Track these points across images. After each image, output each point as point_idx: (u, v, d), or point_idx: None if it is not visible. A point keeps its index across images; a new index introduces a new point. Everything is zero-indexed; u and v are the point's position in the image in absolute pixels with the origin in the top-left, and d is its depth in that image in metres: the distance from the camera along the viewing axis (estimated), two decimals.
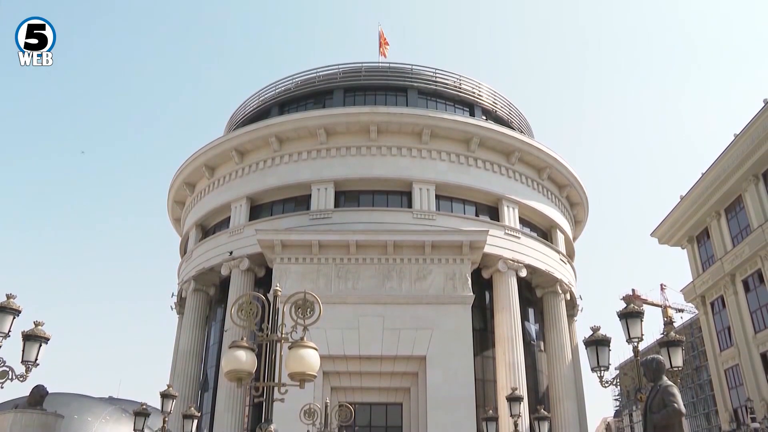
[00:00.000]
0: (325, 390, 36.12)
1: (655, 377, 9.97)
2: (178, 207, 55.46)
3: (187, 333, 47.52)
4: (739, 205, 41.33)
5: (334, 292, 38.81)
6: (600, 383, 13.37)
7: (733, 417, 41.51)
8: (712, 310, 44.84)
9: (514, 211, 45.64)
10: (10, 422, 32.89)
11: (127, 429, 22.87)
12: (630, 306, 12.65)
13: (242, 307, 7.36)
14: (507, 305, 41.97)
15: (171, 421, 18.97)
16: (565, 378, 44.53)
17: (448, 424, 35.76)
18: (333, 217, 42.81)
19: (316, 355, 7.09)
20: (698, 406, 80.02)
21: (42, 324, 13.16)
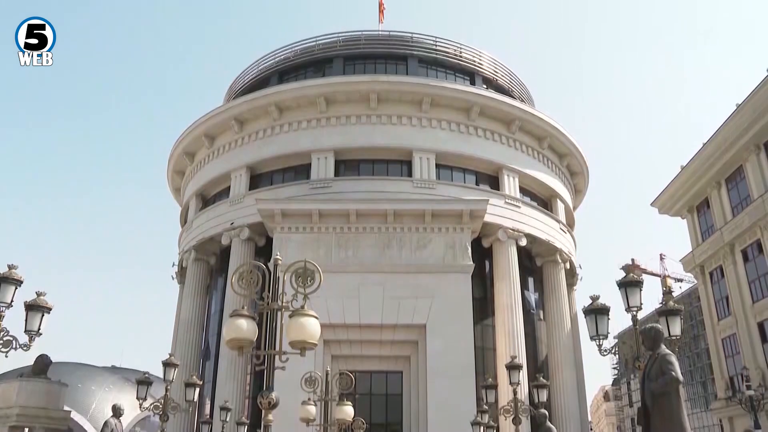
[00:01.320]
0: (326, 358, 36.43)
1: (653, 346, 10.03)
2: (178, 177, 55.41)
3: (188, 302, 47.78)
4: (740, 175, 41.22)
5: (334, 261, 38.94)
6: (599, 352, 13.45)
7: (729, 385, 41.90)
8: (710, 279, 44.99)
9: (515, 180, 45.60)
10: (16, 391, 33.22)
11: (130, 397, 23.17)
12: (629, 275, 12.67)
13: (243, 276, 7.38)
14: (507, 274, 42.14)
15: (173, 389, 19.11)
16: (564, 346, 44.88)
17: (447, 391, 36.10)
18: (333, 186, 42.80)
19: (316, 323, 7.11)
20: (695, 375, 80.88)
21: (44, 294, 13.22)
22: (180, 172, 54.65)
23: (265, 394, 7.13)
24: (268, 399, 7.11)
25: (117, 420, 13.85)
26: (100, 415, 72.70)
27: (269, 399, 7.11)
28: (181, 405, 19.33)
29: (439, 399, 36.32)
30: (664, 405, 9.15)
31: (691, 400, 79.49)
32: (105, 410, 39.69)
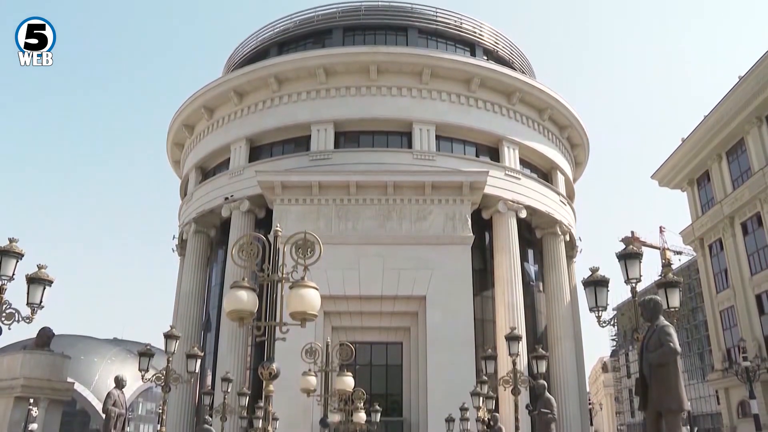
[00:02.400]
0: (326, 329, 36.66)
1: (652, 317, 10.07)
2: (178, 149, 55.25)
3: (189, 275, 47.90)
4: (741, 147, 41.11)
5: (334, 232, 38.99)
6: (598, 323, 13.49)
7: (726, 356, 42.21)
8: (710, 252, 45.09)
9: (515, 152, 45.49)
10: (20, 362, 33.51)
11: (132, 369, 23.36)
12: (629, 247, 12.67)
13: (243, 248, 7.37)
14: (506, 246, 42.22)
15: (175, 361, 19.21)
16: (564, 318, 45.12)
17: (447, 363, 36.38)
18: (333, 158, 42.71)
19: (316, 294, 7.12)
20: (693, 346, 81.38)
21: (45, 267, 13.23)
22: (179, 144, 54.48)
23: (265, 365, 7.16)
24: (269, 370, 7.14)
25: (120, 391, 13.97)
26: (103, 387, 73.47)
27: (270, 370, 7.14)
28: (182, 376, 19.45)
29: (438, 370, 36.61)
30: (662, 376, 9.21)
31: (689, 371, 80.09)
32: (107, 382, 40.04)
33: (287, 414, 31.68)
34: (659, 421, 9.35)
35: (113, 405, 13.62)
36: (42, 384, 33.33)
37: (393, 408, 38.79)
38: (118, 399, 13.84)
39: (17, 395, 32.01)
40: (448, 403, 31.14)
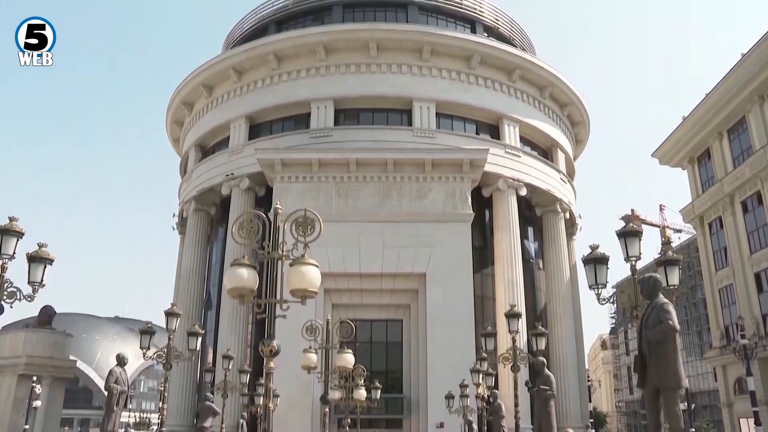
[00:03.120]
0: (327, 307, 36.81)
1: (651, 295, 10.09)
2: (177, 127, 55.10)
3: (189, 253, 47.99)
4: (743, 125, 40.92)
5: (334, 210, 39.01)
6: (597, 300, 13.52)
7: (724, 334, 42.36)
8: (709, 230, 45.07)
9: (515, 130, 45.36)
10: (23, 340, 33.68)
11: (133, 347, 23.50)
12: (629, 225, 12.66)
13: (243, 225, 7.36)
14: (506, 224, 42.25)
15: (176, 338, 19.31)
16: (563, 295, 45.26)
17: (447, 340, 36.56)
18: (333, 135, 42.61)
19: (317, 271, 7.13)
20: (691, 324, 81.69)
21: (45, 246, 13.25)
22: (179, 122, 54.32)
23: (266, 342, 7.19)
24: (270, 347, 7.16)
25: (121, 369, 14.05)
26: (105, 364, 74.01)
27: (270, 347, 7.16)
28: (183, 354, 19.56)
29: (438, 347, 36.80)
30: (660, 353, 9.26)
31: (687, 348, 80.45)
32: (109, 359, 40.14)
33: (288, 391, 31.91)
34: (658, 397, 9.42)
35: (115, 382, 13.72)
36: (44, 362, 33.51)
37: (393, 385, 39.06)
38: (120, 376, 13.93)
39: (20, 373, 32.23)
40: (447, 380, 31.33)
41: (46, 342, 34.48)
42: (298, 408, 35.23)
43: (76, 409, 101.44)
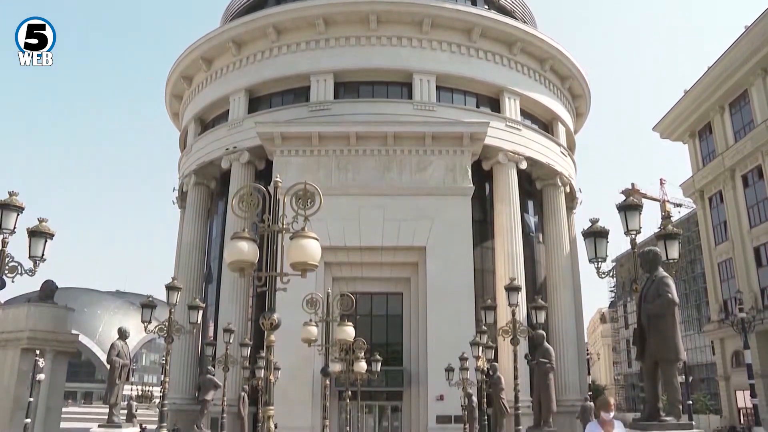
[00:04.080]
0: (327, 280, 36.91)
1: (651, 268, 10.11)
2: (176, 101, 54.84)
3: (190, 226, 48.02)
4: (745, 99, 40.76)
5: (334, 183, 38.97)
6: (597, 274, 13.52)
7: (723, 308, 42.60)
8: (709, 204, 45.12)
9: (516, 103, 45.15)
10: (25, 315, 33.85)
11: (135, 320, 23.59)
12: (629, 199, 12.64)
13: (243, 199, 7.34)
14: (507, 197, 42.24)
15: (177, 312, 19.37)
16: (563, 269, 45.37)
17: (447, 313, 36.72)
18: (332, 109, 42.43)
19: (317, 244, 7.13)
20: (690, 298, 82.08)
21: (46, 220, 13.22)
22: (178, 96, 54.05)
23: (267, 315, 7.20)
24: (270, 320, 7.18)
25: (123, 342, 14.11)
26: (107, 338, 74.32)
27: (271, 320, 7.18)
28: (184, 327, 19.60)
29: (438, 320, 36.98)
30: (659, 325, 9.30)
31: (686, 322, 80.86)
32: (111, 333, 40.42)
33: (289, 364, 32.12)
34: (656, 370, 9.49)
35: (117, 356, 13.80)
36: (47, 336, 33.74)
37: (393, 358, 39.30)
38: (122, 350, 14.01)
39: (24, 347, 32.44)
40: (447, 353, 31.47)
41: (49, 316, 34.70)
42: (298, 381, 35.50)
43: (79, 383, 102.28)
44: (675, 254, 12.78)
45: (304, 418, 35.34)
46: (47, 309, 34.73)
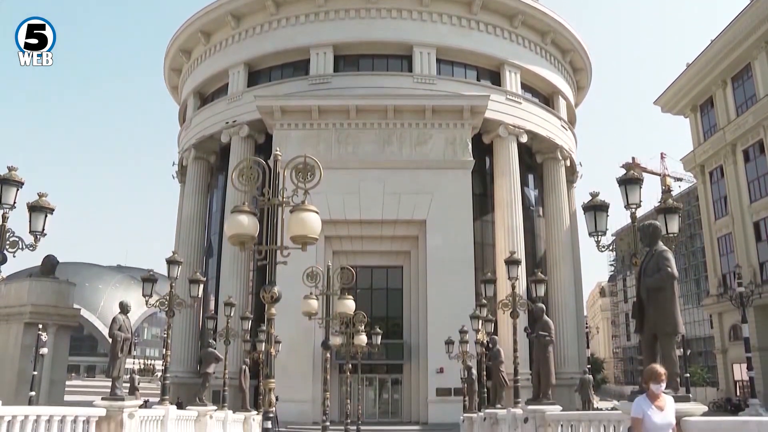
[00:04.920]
0: (327, 254, 36.95)
1: (650, 242, 10.09)
2: (175, 75, 54.53)
3: (190, 201, 48.02)
4: (747, 73, 40.47)
5: (334, 157, 38.90)
6: (597, 248, 13.52)
7: (721, 282, 42.74)
8: (710, 179, 45.05)
9: (516, 76, 44.91)
10: (27, 290, 34.02)
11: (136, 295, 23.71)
12: (629, 173, 12.60)
13: (243, 172, 7.32)
14: (507, 170, 42.20)
15: (178, 286, 19.42)
16: (563, 243, 45.47)
17: (447, 286, 36.87)
18: (332, 82, 42.21)
19: (317, 218, 7.13)
20: (689, 272, 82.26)
21: (46, 195, 13.18)
22: (177, 70, 53.74)
23: (267, 289, 7.22)
24: (271, 293, 7.20)
25: (125, 316, 14.15)
26: (109, 312, 74.64)
27: (272, 293, 7.20)
28: (185, 301, 19.65)
29: (438, 293, 37.14)
30: (658, 299, 9.31)
31: (684, 296, 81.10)
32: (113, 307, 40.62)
33: (289, 337, 32.33)
34: (655, 343, 9.50)
35: (119, 330, 13.83)
36: (49, 310, 33.94)
37: (393, 331, 39.55)
38: (124, 324, 14.04)
39: (26, 321, 32.64)
40: (447, 326, 31.63)
41: (50, 291, 34.87)
42: (299, 354, 35.76)
43: (82, 356, 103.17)
44: (675, 228, 12.76)
45: (304, 391, 35.66)
46: (49, 283, 34.89)
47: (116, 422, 13.48)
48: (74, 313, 36.72)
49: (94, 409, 13.50)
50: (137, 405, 14.66)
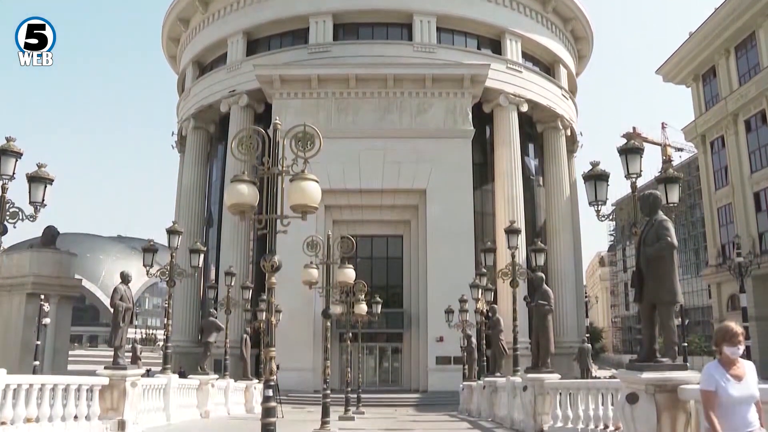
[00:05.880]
0: (327, 223, 37.01)
1: (651, 211, 10.09)
2: (173, 44, 54.10)
3: (190, 171, 47.96)
4: (751, 42, 40.02)
5: (334, 126, 38.75)
6: (597, 217, 13.55)
7: (720, 252, 42.80)
8: (711, 149, 44.85)
9: (517, 45, 44.56)
10: (29, 260, 34.20)
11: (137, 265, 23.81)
12: (630, 142, 12.56)
13: (242, 142, 7.29)
14: (507, 140, 42.09)
15: (178, 256, 19.47)
16: (563, 212, 45.51)
17: (447, 255, 36.97)
18: (332, 51, 41.93)
19: (317, 187, 7.12)
20: (689, 242, 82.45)
21: (45, 166, 13.16)
22: (175, 39, 53.29)
23: (267, 258, 7.23)
24: (271, 262, 7.21)
25: (126, 286, 14.19)
26: (110, 283, 74.86)
27: (272, 262, 7.21)
28: (186, 271, 19.72)
29: (438, 262, 37.26)
30: (658, 268, 9.32)
31: (684, 266, 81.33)
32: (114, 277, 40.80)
33: (290, 306, 32.46)
34: (653, 312, 9.54)
35: (120, 300, 13.88)
36: (51, 281, 34.13)
37: (393, 300, 39.74)
38: (125, 294, 14.08)
39: (29, 292, 32.84)
40: (447, 295, 31.77)
41: (52, 261, 35.06)
42: (300, 322, 35.97)
43: (84, 326, 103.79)
44: (675, 198, 12.77)
45: (305, 359, 35.95)
46: (50, 254, 35.04)
47: (119, 391, 13.63)
48: (76, 284, 36.93)
49: (97, 378, 13.64)
50: (139, 374, 14.79)
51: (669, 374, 7.88)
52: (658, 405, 7.62)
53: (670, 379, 7.76)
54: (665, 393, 7.66)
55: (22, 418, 11.15)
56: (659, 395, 7.67)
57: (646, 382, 7.81)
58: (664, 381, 7.73)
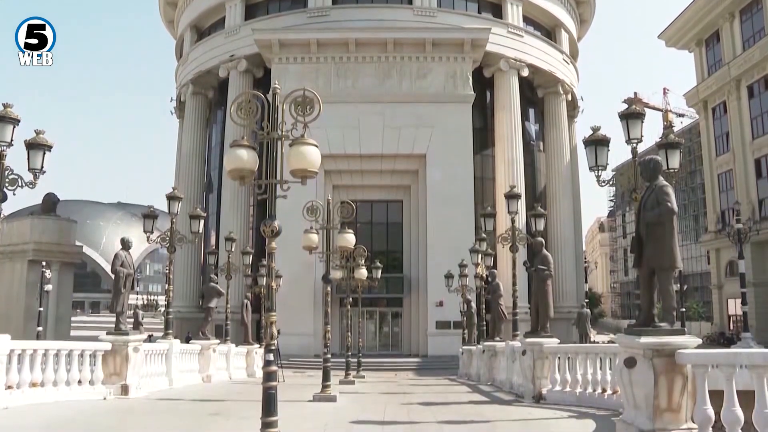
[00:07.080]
0: (327, 188, 37.03)
1: (651, 177, 10.06)
2: (171, 8, 53.46)
3: (189, 136, 47.78)
4: (757, 5, 39.53)
5: (333, 90, 38.53)
6: (597, 182, 13.50)
7: (720, 219, 42.88)
8: (712, 115, 44.66)
9: (518, 9, 44.09)
10: (29, 227, 34.25)
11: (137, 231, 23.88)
12: (631, 107, 12.47)
13: (242, 106, 7.22)
14: (507, 104, 41.88)
15: (178, 222, 19.45)
16: (563, 177, 45.45)
17: (447, 220, 37.05)
18: (331, 15, 41.49)
19: (316, 151, 7.08)
20: (689, 208, 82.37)
21: (43, 132, 13.09)
22: (172, 3, 52.65)
23: (267, 223, 7.21)
24: (271, 227, 7.20)
25: (126, 252, 14.21)
26: (111, 249, 75.10)
27: (272, 227, 7.20)
28: (186, 237, 19.71)
29: (438, 227, 37.34)
30: (657, 233, 9.33)
31: (683, 232, 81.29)
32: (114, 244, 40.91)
33: (290, 271, 32.58)
34: (652, 278, 9.57)
35: (121, 266, 13.92)
36: (52, 248, 34.24)
37: (394, 265, 39.89)
38: (126, 260, 14.11)
39: (30, 259, 32.95)
40: (447, 260, 31.88)
41: (53, 228, 35.13)
42: (300, 288, 36.16)
43: (86, 293, 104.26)
44: (676, 164, 12.72)
45: (305, 324, 36.21)
46: (51, 221, 35.09)
47: (122, 356, 13.76)
48: (77, 250, 37.06)
49: (100, 344, 13.77)
50: (141, 339, 14.92)
51: (667, 339, 7.92)
52: (655, 369, 7.68)
53: (668, 343, 7.81)
54: (663, 357, 7.71)
55: (28, 383, 11.29)
56: (657, 359, 7.73)
57: (644, 347, 7.86)
58: (662, 345, 7.78)
